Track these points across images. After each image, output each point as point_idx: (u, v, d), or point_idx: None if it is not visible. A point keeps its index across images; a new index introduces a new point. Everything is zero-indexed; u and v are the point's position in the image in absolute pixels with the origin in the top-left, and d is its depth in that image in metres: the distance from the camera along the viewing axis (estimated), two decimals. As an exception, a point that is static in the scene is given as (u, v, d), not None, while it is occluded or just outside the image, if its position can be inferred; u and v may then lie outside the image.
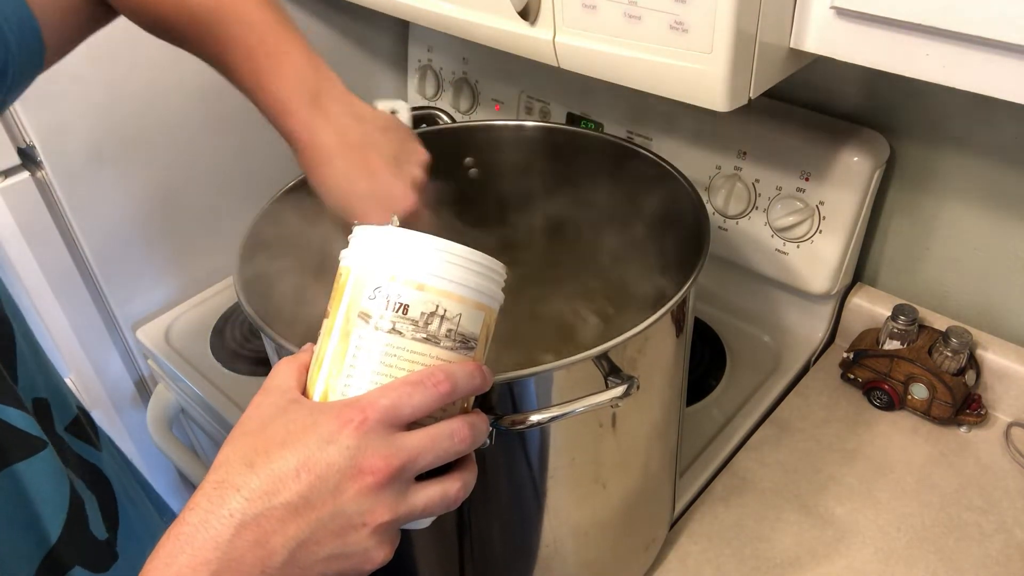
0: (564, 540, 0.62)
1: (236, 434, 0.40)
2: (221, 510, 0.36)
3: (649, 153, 0.67)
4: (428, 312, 0.40)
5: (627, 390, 0.49)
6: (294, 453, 0.37)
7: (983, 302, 0.84)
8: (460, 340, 0.41)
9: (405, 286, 0.40)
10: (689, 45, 0.54)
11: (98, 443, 0.57)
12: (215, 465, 0.38)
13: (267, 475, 0.37)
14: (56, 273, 0.93)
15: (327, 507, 0.37)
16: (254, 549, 0.36)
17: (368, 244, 0.42)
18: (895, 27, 0.49)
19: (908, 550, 0.72)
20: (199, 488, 0.37)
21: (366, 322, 0.41)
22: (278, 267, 0.61)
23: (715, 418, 0.85)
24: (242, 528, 0.36)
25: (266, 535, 0.36)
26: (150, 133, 0.94)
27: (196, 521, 0.36)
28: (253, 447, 0.38)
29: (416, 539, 0.65)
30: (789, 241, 0.84)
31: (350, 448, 0.37)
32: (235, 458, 0.38)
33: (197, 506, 0.37)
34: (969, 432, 0.82)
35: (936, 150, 0.80)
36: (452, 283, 0.41)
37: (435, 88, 1.11)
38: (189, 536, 0.36)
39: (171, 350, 0.99)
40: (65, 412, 0.54)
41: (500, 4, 0.63)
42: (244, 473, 0.37)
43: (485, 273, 0.42)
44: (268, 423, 0.39)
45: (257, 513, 0.36)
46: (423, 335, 0.40)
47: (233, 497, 0.36)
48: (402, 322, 0.40)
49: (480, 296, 0.42)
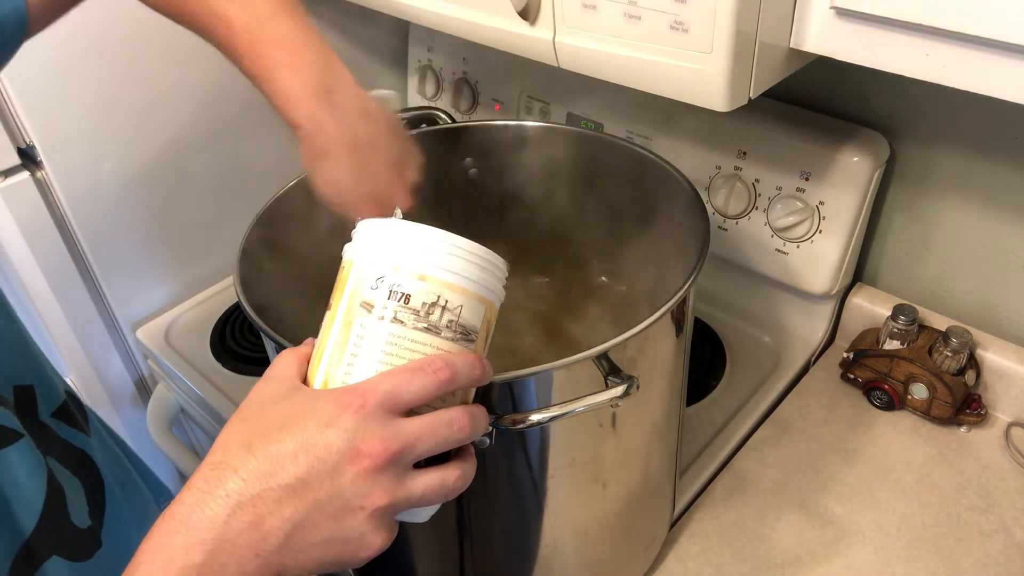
0: (564, 540, 0.62)
1: (235, 419, 0.40)
2: (217, 490, 0.36)
3: (649, 153, 0.67)
4: (430, 302, 0.41)
5: (627, 390, 0.49)
6: (292, 436, 0.37)
7: (983, 302, 0.84)
8: (461, 332, 0.42)
9: (407, 276, 0.41)
10: (689, 45, 0.54)
11: (87, 428, 0.57)
12: (213, 448, 0.38)
13: (265, 457, 0.37)
14: (56, 273, 0.93)
15: (324, 489, 0.37)
16: (249, 531, 0.36)
17: (371, 236, 0.43)
18: (895, 27, 0.49)
19: (908, 550, 0.72)
20: (196, 470, 0.37)
21: (368, 312, 0.41)
22: (278, 267, 0.61)
23: (715, 418, 0.85)
24: (238, 509, 0.36)
25: (262, 517, 0.36)
26: (150, 133, 0.94)
27: (192, 501, 0.36)
28: (251, 430, 0.38)
29: (416, 539, 0.65)
30: (789, 241, 0.84)
31: (349, 431, 0.37)
32: (233, 441, 0.38)
33: (193, 487, 0.37)
34: (969, 432, 0.82)
35: (936, 150, 0.80)
36: (454, 275, 0.41)
37: (435, 88, 1.11)
38: (184, 516, 0.36)
39: (171, 350, 0.99)
40: (52, 398, 0.54)
41: (500, 4, 0.63)
42: (242, 455, 0.37)
43: (487, 267, 0.43)
44: (267, 408, 0.39)
45: (254, 494, 0.36)
46: (424, 325, 0.41)
47: (230, 478, 0.36)
48: (404, 311, 0.40)
49: (482, 289, 0.42)
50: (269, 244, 0.62)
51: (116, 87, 0.89)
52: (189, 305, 1.06)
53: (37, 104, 0.84)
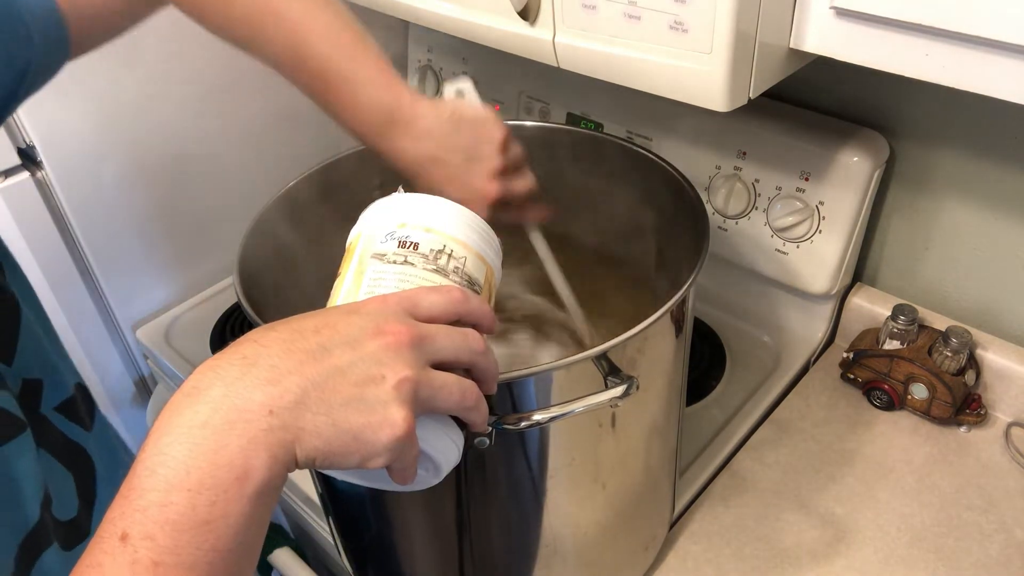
0: (564, 540, 0.62)
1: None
2: (233, 356, 0.34)
3: (649, 153, 0.67)
4: (437, 249, 0.43)
5: (627, 390, 0.49)
6: (315, 318, 0.37)
7: (983, 302, 0.84)
8: (467, 280, 0.44)
9: (415, 229, 0.44)
10: (689, 45, 0.54)
11: (90, 424, 0.57)
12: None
13: (285, 328, 0.36)
14: (56, 273, 0.93)
15: (347, 356, 0.35)
16: (264, 386, 0.33)
17: (376, 208, 0.46)
18: (895, 27, 0.49)
19: (908, 550, 0.72)
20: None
21: (380, 260, 0.43)
22: (278, 267, 0.61)
23: (715, 418, 0.85)
24: (253, 367, 0.34)
25: (280, 375, 0.34)
26: (150, 133, 0.95)
27: (205, 368, 0.34)
28: (271, 324, 0.37)
29: (416, 538, 0.65)
30: (789, 241, 0.84)
31: (371, 314, 0.37)
32: (254, 330, 0.36)
33: (206, 364, 0.35)
34: (969, 432, 0.82)
35: (936, 150, 0.80)
36: (457, 231, 0.44)
37: (435, 88, 1.11)
38: (195, 382, 0.34)
39: (171, 350, 0.99)
40: (58, 392, 0.55)
41: (500, 4, 0.63)
42: (262, 330, 0.36)
43: (485, 236, 0.46)
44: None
45: (272, 354, 0.34)
46: (433, 267, 0.43)
47: (248, 345, 0.35)
48: (414, 255, 0.43)
49: (481, 251, 0.45)
50: (269, 244, 0.62)
51: (116, 87, 0.89)
52: (189, 305, 1.06)
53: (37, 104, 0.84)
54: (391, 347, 0.36)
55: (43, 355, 0.54)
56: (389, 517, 0.64)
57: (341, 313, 0.37)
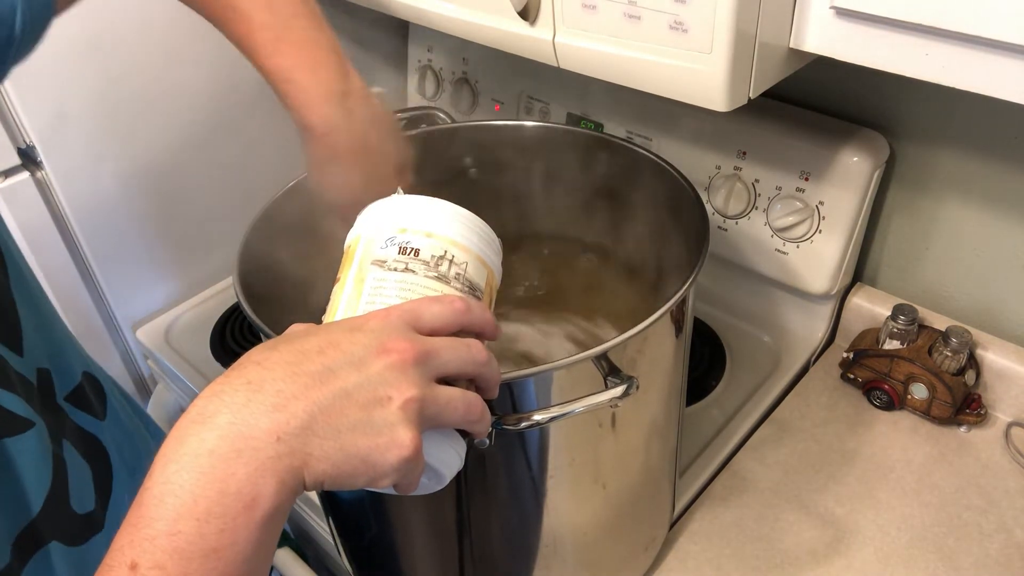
0: (564, 540, 0.62)
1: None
2: (237, 381, 0.34)
3: (649, 153, 0.67)
4: (438, 255, 0.43)
5: (627, 390, 0.49)
6: (317, 337, 0.36)
7: (983, 302, 0.84)
8: (468, 286, 0.44)
9: (415, 234, 0.43)
10: (689, 45, 0.54)
11: (101, 412, 0.57)
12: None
13: (288, 350, 0.35)
14: (56, 273, 0.93)
15: (352, 378, 0.35)
16: (271, 412, 0.33)
17: (375, 211, 0.45)
18: (895, 27, 0.49)
19: (908, 550, 0.72)
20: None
21: (380, 267, 0.43)
22: (278, 267, 0.61)
23: (715, 418, 0.85)
24: (258, 392, 0.33)
25: (285, 400, 0.33)
26: (150, 133, 0.94)
27: (209, 394, 0.34)
28: (273, 344, 0.37)
29: (416, 538, 0.65)
30: (789, 241, 0.84)
31: (375, 331, 0.37)
32: (255, 349, 0.36)
33: (211, 386, 0.35)
34: (969, 432, 0.82)
35: (936, 150, 0.80)
36: (458, 234, 0.44)
37: (435, 88, 1.11)
38: (200, 409, 0.34)
39: (171, 350, 0.99)
40: (67, 380, 0.54)
41: (500, 4, 0.63)
42: (264, 351, 0.35)
43: (485, 238, 0.46)
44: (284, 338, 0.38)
45: (277, 378, 0.34)
46: (435, 274, 0.43)
47: (252, 369, 0.34)
48: (415, 263, 0.43)
49: (482, 253, 0.45)
50: (269, 244, 0.62)
51: (116, 87, 0.89)
52: (189, 305, 1.06)
53: (37, 104, 0.84)
54: (396, 366, 0.36)
55: (47, 343, 0.53)
56: (389, 517, 0.64)
57: (344, 330, 0.37)
